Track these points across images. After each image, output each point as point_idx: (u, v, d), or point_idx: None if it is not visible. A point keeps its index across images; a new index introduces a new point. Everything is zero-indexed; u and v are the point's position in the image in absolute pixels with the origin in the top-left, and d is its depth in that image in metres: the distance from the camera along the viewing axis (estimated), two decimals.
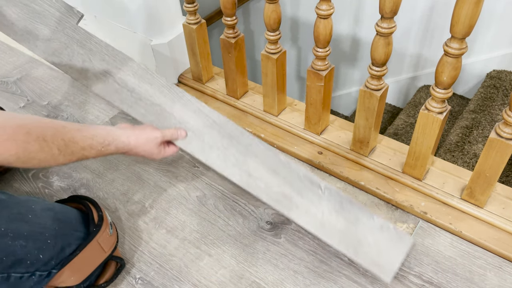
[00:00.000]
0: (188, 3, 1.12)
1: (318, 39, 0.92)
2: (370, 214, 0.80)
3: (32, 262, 0.71)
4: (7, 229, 0.68)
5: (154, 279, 0.86)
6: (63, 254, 0.75)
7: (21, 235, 0.69)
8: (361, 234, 0.78)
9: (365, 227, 0.79)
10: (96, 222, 0.80)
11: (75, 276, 0.77)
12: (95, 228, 0.79)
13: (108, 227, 0.82)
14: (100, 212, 0.82)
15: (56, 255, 0.74)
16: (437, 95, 0.82)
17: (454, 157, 1.50)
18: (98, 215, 0.81)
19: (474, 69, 1.88)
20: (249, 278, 0.86)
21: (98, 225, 0.80)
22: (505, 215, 0.89)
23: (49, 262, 0.73)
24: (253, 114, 1.18)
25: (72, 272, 0.76)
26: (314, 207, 0.80)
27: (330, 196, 0.81)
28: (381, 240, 0.78)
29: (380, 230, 0.79)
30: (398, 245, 0.78)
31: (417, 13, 1.84)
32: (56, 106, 1.25)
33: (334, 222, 0.79)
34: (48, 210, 0.76)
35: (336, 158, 1.05)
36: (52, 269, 0.74)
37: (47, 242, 0.73)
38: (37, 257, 0.71)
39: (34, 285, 0.73)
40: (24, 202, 0.75)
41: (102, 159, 1.09)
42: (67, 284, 0.77)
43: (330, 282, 0.84)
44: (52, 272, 0.74)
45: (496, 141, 0.80)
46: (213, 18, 2.02)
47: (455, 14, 0.70)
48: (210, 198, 0.99)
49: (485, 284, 0.82)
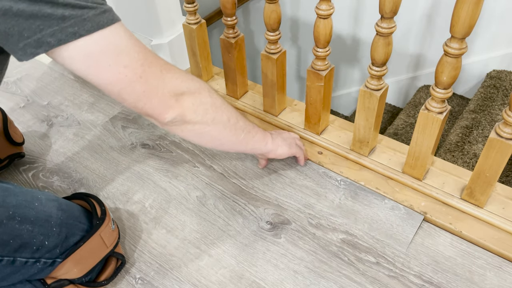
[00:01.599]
0: (188, 3, 1.12)
1: (318, 39, 0.92)
2: (382, 197, 0.96)
3: (38, 248, 0.72)
4: (15, 213, 0.70)
5: (154, 279, 0.86)
6: (68, 243, 0.76)
7: (28, 220, 0.71)
8: (374, 213, 0.94)
9: (377, 207, 0.95)
10: (99, 216, 0.81)
11: (77, 268, 0.77)
12: (98, 221, 0.80)
13: (110, 221, 0.82)
14: (103, 207, 0.83)
15: (61, 243, 0.75)
16: (437, 95, 0.82)
17: (454, 157, 1.50)
18: (101, 210, 0.82)
19: (474, 69, 1.88)
20: (249, 278, 0.86)
21: (101, 218, 0.81)
22: (505, 215, 0.89)
23: (54, 249, 0.74)
24: (253, 114, 1.18)
25: (74, 264, 0.77)
26: (332, 194, 0.98)
27: (345, 186, 0.99)
28: (393, 217, 0.93)
29: (392, 209, 0.94)
30: (409, 221, 0.92)
31: (417, 13, 1.84)
32: (56, 106, 1.25)
33: (350, 205, 0.96)
34: (53, 201, 0.78)
35: (336, 158, 1.05)
36: (57, 258, 0.75)
37: (53, 229, 0.74)
38: (43, 243, 0.72)
39: (38, 272, 0.74)
40: (30, 192, 0.76)
41: (102, 159, 1.09)
42: (70, 276, 0.78)
43: (330, 282, 0.84)
44: (56, 261, 0.75)
45: (496, 141, 0.80)
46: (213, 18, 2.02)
47: (455, 14, 0.70)
48: (210, 198, 0.99)
49: (485, 284, 0.82)
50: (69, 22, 0.56)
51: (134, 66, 0.63)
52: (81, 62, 0.60)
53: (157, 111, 0.68)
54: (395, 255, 0.87)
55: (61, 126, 1.19)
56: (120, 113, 1.22)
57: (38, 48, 0.57)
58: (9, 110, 1.24)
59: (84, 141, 1.15)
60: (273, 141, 0.92)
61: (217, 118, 0.76)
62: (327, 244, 0.90)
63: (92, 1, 0.58)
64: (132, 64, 0.62)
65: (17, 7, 0.54)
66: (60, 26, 0.56)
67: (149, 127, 1.17)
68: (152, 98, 0.66)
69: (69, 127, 1.19)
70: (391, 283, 0.83)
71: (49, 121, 1.21)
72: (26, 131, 1.18)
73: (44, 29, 0.56)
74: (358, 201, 0.96)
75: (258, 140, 0.88)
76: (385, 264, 0.86)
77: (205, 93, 0.74)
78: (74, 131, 1.17)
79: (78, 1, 0.57)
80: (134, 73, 0.63)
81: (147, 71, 0.64)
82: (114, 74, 0.62)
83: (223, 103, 0.78)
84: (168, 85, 0.68)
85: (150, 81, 0.65)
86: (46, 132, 1.18)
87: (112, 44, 0.61)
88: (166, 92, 0.67)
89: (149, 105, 0.67)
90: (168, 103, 0.68)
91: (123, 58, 0.62)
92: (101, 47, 0.60)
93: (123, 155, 1.10)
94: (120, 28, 0.62)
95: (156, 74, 0.66)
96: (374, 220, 0.93)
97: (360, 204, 0.96)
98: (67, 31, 0.57)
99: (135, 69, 0.63)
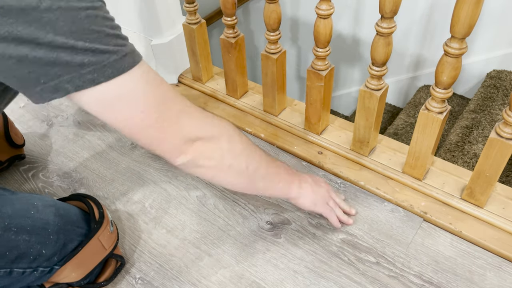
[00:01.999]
0: (188, 3, 1.12)
1: (318, 39, 0.92)
2: (382, 200, 0.96)
3: (35, 257, 0.71)
4: (10, 223, 0.68)
5: (154, 279, 0.86)
6: (66, 250, 0.75)
7: (24, 230, 0.70)
8: (374, 213, 0.94)
9: (377, 208, 0.95)
10: (97, 219, 0.80)
11: (76, 272, 0.77)
12: (96, 225, 0.79)
13: (109, 224, 0.82)
14: (101, 210, 0.82)
15: (59, 251, 0.74)
16: (437, 95, 0.82)
17: (454, 157, 1.50)
18: (99, 212, 0.82)
19: (474, 69, 1.88)
20: (249, 278, 0.86)
21: (99, 222, 0.80)
22: (505, 215, 0.89)
23: (51, 257, 0.74)
24: (253, 114, 1.18)
25: (73, 268, 0.76)
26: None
27: (345, 188, 0.99)
28: (393, 217, 0.93)
29: (391, 210, 0.95)
30: (409, 221, 0.92)
31: (417, 13, 1.84)
32: (56, 106, 1.25)
33: (349, 206, 0.95)
34: (50, 207, 0.77)
35: (336, 158, 1.05)
36: (54, 265, 0.75)
37: (50, 237, 0.73)
38: (40, 252, 0.72)
39: (35, 280, 0.74)
40: (26, 198, 0.75)
41: (102, 159, 1.09)
42: (68, 280, 0.77)
43: (330, 282, 0.84)
44: (54, 268, 0.75)
45: (496, 141, 0.79)
46: (213, 18, 2.02)
47: (455, 14, 0.70)
48: (210, 198, 0.99)
49: (485, 284, 0.82)
50: (88, 69, 0.55)
51: (150, 112, 0.61)
52: (97, 106, 0.59)
53: (168, 155, 0.67)
54: (395, 255, 0.87)
55: (61, 126, 1.19)
56: None
57: (54, 93, 0.55)
58: (9, 110, 1.24)
59: (84, 141, 1.14)
60: (299, 189, 0.85)
61: (234, 165, 0.73)
62: (327, 244, 0.90)
63: (114, 43, 0.56)
64: (148, 109, 0.61)
65: (34, 54, 0.52)
66: (79, 72, 0.54)
67: None
68: (165, 143, 0.65)
69: (69, 127, 1.19)
70: (391, 283, 0.83)
71: (49, 121, 1.21)
72: (26, 131, 1.18)
73: (62, 76, 0.54)
74: (358, 202, 0.96)
75: (281, 189, 0.83)
76: (385, 264, 0.86)
77: (224, 138, 0.71)
78: (74, 131, 1.17)
79: (99, 45, 0.55)
80: (149, 118, 0.61)
81: (163, 116, 0.63)
82: (130, 118, 0.61)
83: (245, 149, 0.75)
84: (183, 131, 0.66)
85: (165, 126, 0.64)
86: (46, 132, 1.18)
87: (130, 89, 0.59)
88: (180, 138, 0.66)
89: (161, 149, 0.66)
90: (180, 149, 0.66)
91: (140, 103, 0.60)
92: (119, 93, 0.58)
93: (123, 155, 1.10)
94: (140, 70, 0.60)
95: (171, 120, 0.64)
96: (374, 221, 0.93)
97: (360, 205, 0.96)
98: (86, 78, 0.55)
99: (151, 114, 0.61)
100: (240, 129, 1.15)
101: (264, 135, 1.12)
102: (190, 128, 0.67)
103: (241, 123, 1.16)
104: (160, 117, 0.63)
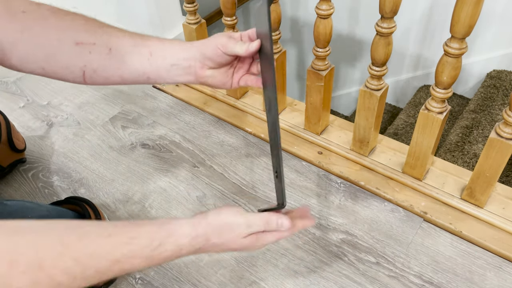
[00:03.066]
0: (188, 3, 1.12)
1: (318, 39, 0.92)
2: (382, 200, 0.96)
3: None
4: None
5: (154, 279, 0.86)
6: None
7: None
8: (374, 213, 0.94)
9: (377, 208, 0.95)
10: None
11: None
12: None
13: None
14: (98, 215, 0.82)
15: None
16: (437, 95, 0.82)
17: (454, 157, 1.50)
18: (95, 217, 0.81)
19: (474, 69, 1.88)
20: (249, 278, 0.86)
21: None
22: (505, 215, 0.89)
23: None
24: (253, 114, 1.18)
25: None
26: (332, 195, 0.98)
27: (345, 188, 0.99)
28: (393, 217, 0.93)
29: (391, 210, 0.94)
30: (409, 221, 0.92)
31: (417, 13, 1.84)
32: (56, 106, 1.25)
33: (350, 206, 0.96)
34: (44, 217, 0.75)
35: (336, 158, 1.05)
36: None
37: None
38: None
39: None
40: (18, 211, 0.73)
41: (102, 159, 1.09)
42: None
43: (330, 282, 0.84)
44: None
45: (496, 141, 0.80)
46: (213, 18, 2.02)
47: (455, 14, 0.70)
48: (210, 198, 0.99)
49: (485, 284, 0.82)
50: None
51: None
52: None
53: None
54: (395, 255, 0.87)
55: (61, 126, 1.19)
56: (120, 113, 1.22)
57: None
58: (9, 110, 1.24)
59: (84, 141, 1.15)
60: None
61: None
62: (327, 244, 0.90)
63: None
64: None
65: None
66: None
67: (149, 127, 1.17)
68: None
69: (69, 127, 1.19)
70: (391, 283, 0.83)
71: (49, 121, 1.21)
72: (26, 131, 1.18)
73: None
74: (358, 202, 0.96)
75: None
76: (385, 264, 0.86)
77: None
78: (74, 131, 1.17)
79: None
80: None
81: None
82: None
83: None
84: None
85: None
86: (46, 132, 1.18)
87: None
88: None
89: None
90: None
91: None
92: None
93: (123, 155, 1.10)
94: None
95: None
96: (374, 221, 0.93)
97: (360, 206, 0.96)
98: None
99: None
100: (240, 129, 1.15)
101: (264, 135, 1.12)
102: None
103: (241, 123, 1.16)
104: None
